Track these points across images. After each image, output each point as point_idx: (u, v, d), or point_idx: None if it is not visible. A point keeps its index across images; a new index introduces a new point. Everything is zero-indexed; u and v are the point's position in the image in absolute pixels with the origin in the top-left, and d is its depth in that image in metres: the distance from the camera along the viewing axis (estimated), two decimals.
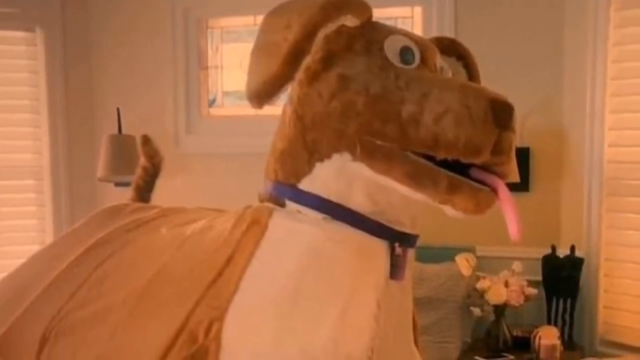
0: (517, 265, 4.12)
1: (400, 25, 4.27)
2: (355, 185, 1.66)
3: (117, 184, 5.11)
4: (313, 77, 1.68)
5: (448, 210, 1.60)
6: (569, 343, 4.16)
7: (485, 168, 1.57)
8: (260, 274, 1.70)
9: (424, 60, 1.72)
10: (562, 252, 4.26)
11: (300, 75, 1.68)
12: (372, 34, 1.70)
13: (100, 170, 5.02)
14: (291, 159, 1.74)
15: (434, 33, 4.41)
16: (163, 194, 2.72)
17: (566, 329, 4.22)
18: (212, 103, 5.36)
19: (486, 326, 4.24)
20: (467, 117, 1.51)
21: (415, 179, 1.57)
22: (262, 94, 1.64)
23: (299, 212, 1.73)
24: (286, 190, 1.76)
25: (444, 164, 1.56)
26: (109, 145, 4.99)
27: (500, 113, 1.52)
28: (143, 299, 1.83)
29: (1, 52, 5.26)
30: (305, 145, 1.69)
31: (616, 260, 4.24)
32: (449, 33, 4.42)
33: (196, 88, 5.29)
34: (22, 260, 2.35)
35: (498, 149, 1.53)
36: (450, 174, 1.55)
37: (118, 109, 5.16)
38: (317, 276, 1.68)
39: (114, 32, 5.40)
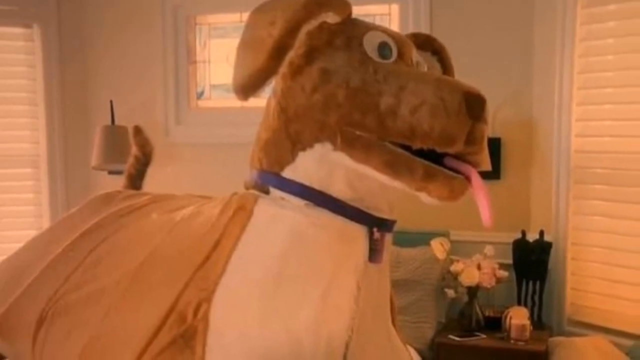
0: (489, 249, 4.12)
1: (378, 22, 4.28)
2: (335, 173, 1.67)
3: (111, 172, 5.09)
4: (296, 71, 1.68)
5: (424, 197, 1.60)
6: (538, 323, 4.17)
7: (459, 157, 1.58)
8: (246, 258, 1.71)
9: (401, 55, 1.72)
10: (532, 236, 4.27)
11: (284, 69, 1.68)
12: (352, 30, 1.70)
13: (95, 159, 5.00)
14: (275, 148, 1.74)
15: (411, 29, 4.42)
16: (154, 182, 2.72)
17: (535, 310, 4.23)
18: (200, 95, 5.35)
19: (460, 307, 4.24)
20: (441, 108, 1.51)
21: (392, 167, 1.57)
22: (247, 87, 1.64)
23: (282, 199, 1.73)
24: (270, 178, 1.76)
25: (420, 153, 1.56)
26: (103, 135, 4.98)
27: (474, 105, 1.52)
28: (135, 281, 1.83)
29: (0, 47, 5.24)
30: (288, 136, 1.69)
31: (583, 244, 4.25)
32: (424, 29, 4.42)
33: (185, 81, 5.28)
34: (20, 245, 2.34)
35: (471, 139, 1.53)
36: (426, 162, 1.56)
37: (111, 101, 5.15)
38: (300, 259, 1.68)
39: (107, 29, 5.37)
